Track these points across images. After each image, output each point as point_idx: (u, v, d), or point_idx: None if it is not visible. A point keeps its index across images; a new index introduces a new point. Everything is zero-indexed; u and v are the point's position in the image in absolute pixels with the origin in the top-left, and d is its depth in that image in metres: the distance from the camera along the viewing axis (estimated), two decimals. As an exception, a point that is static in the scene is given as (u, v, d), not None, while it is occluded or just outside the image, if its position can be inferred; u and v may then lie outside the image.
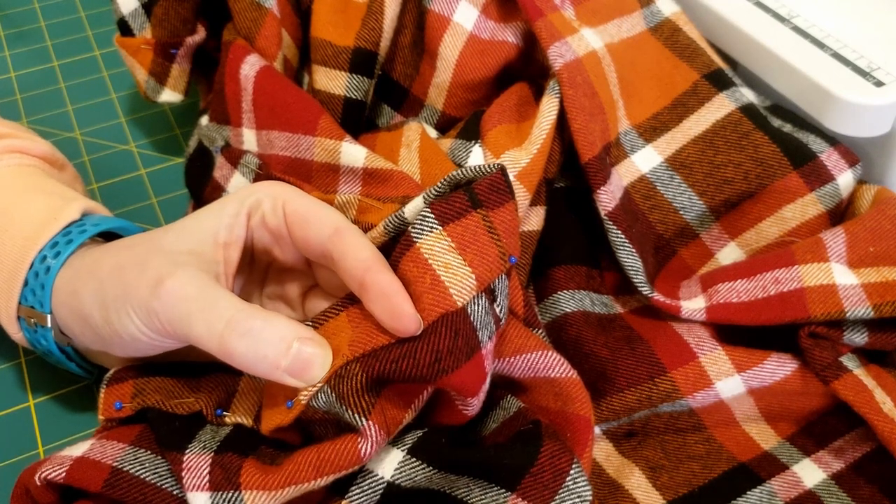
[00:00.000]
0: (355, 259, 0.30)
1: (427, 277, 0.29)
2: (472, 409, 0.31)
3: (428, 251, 0.30)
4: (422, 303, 0.29)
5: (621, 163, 0.43)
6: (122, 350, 0.32)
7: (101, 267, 0.32)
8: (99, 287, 0.32)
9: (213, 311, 0.29)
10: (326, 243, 0.31)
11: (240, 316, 0.29)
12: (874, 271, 0.37)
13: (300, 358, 0.29)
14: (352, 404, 0.28)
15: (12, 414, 0.40)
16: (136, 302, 0.30)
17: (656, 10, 0.47)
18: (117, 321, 0.30)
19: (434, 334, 0.28)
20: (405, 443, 0.31)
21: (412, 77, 0.47)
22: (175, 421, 0.33)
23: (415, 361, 0.28)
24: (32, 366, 0.42)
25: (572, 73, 0.41)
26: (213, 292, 0.29)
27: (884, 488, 0.34)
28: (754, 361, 0.37)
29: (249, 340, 0.28)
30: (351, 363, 0.29)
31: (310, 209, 0.32)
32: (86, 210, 0.37)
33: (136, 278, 0.30)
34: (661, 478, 0.36)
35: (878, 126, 0.41)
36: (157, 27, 0.47)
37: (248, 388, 0.34)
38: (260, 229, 0.32)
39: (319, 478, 0.28)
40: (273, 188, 0.32)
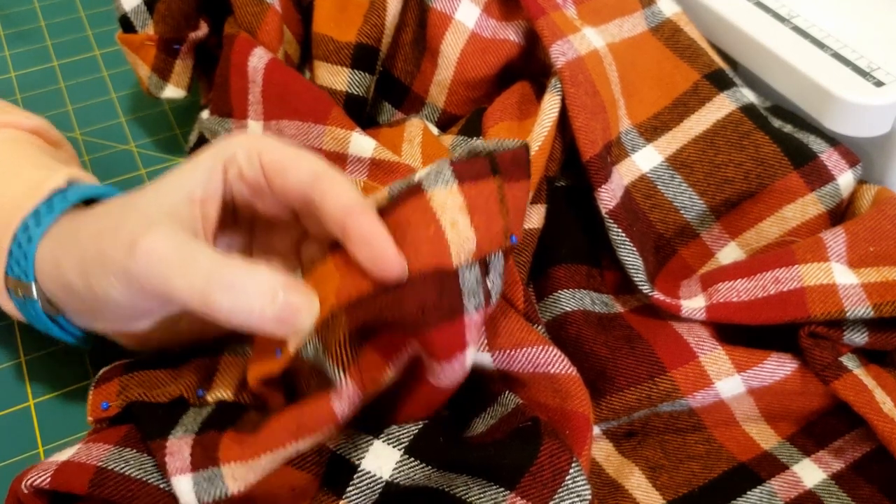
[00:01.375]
0: (335, 204, 0.29)
1: (431, 228, 0.28)
2: (444, 380, 0.30)
3: (438, 203, 0.28)
4: (419, 252, 0.28)
5: (622, 162, 0.43)
6: (111, 320, 0.32)
7: (80, 234, 0.31)
8: (80, 255, 0.31)
9: (192, 266, 0.28)
10: (306, 190, 0.29)
11: (221, 270, 0.28)
12: (874, 271, 0.37)
13: (286, 307, 0.28)
14: (334, 355, 0.27)
15: (12, 414, 0.39)
16: (114, 266, 0.29)
17: (657, 10, 0.47)
18: (99, 288, 0.30)
19: (422, 286, 0.27)
20: (402, 442, 0.31)
21: (413, 74, 0.47)
22: (158, 410, 0.32)
23: (399, 309, 0.27)
24: (32, 366, 0.42)
25: (574, 72, 0.41)
26: (191, 247, 0.28)
27: (884, 488, 0.34)
28: (754, 361, 0.37)
29: (233, 294, 0.27)
30: (337, 311, 0.28)
31: (286, 156, 0.30)
32: (72, 178, 0.36)
33: (111, 242, 0.29)
34: (660, 478, 0.36)
35: (878, 126, 0.41)
36: (159, 23, 0.47)
37: (228, 365, 0.33)
38: (238, 183, 0.31)
39: (296, 441, 0.28)
40: (247, 139, 0.31)
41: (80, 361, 0.42)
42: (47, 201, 0.34)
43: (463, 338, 0.29)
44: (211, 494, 0.28)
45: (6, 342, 0.43)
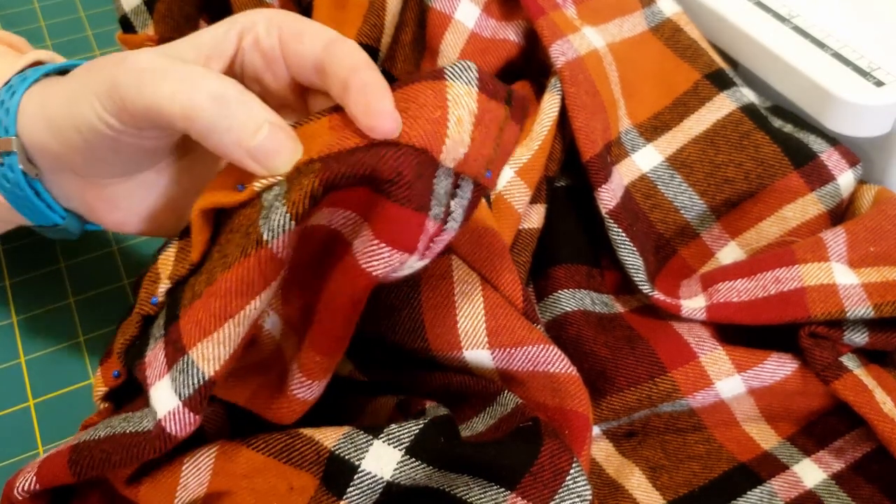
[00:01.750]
0: (343, 62, 0.27)
1: (437, 112, 0.27)
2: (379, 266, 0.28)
3: (453, 96, 0.27)
4: (415, 125, 0.27)
5: (622, 162, 0.43)
6: (83, 163, 0.31)
7: (76, 71, 0.31)
8: (65, 86, 0.30)
9: (183, 72, 0.27)
10: (319, 53, 0.29)
11: (214, 78, 0.27)
12: (875, 271, 0.37)
13: (269, 141, 0.26)
14: (292, 202, 0.25)
15: (12, 414, 0.39)
16: (99, 82, 0.28)
17: (657, 10, 0.47)
18: (77, 111, 0.29)
19: (403, 157, 0.26)
20: (403, 442, 0.31)
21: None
22: (136, 342, 0.32)
23: (374, 167, 0.25)
24: (32, 366, 0.42)
25: (574, 71, 0.41)
26: (184, 64, 0.27)
27: (884, 488, 0.34)
28: (754, 361, 0.37)
29: (220, 106, 0.26)
30: (314, 161, 0.26)
31: (305, 24, 0.30)
32: (47, 59, 0.36)
33: (101, 65, 0.29)
34: (661, 478, 0.36)
35: (878, 126, 0.41)
36: (159, 23, 0.47)
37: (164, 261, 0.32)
38: (252, 52, 0.30)
39: (250, 300, 0.26)
40: (271, 12, 0.30)
41: (81, 361, 0.42)
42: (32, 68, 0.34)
43: (416, 238, 0.27)
44: (189, 385, 0.27)
45: (6, 342, 0.43)
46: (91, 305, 0.44)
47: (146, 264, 0.43)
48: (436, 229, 0.28)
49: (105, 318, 0.43)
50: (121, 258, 0.47)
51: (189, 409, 0.27)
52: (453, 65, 0.28)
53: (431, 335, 0.34)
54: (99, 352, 0.42)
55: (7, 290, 0.45)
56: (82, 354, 0.42)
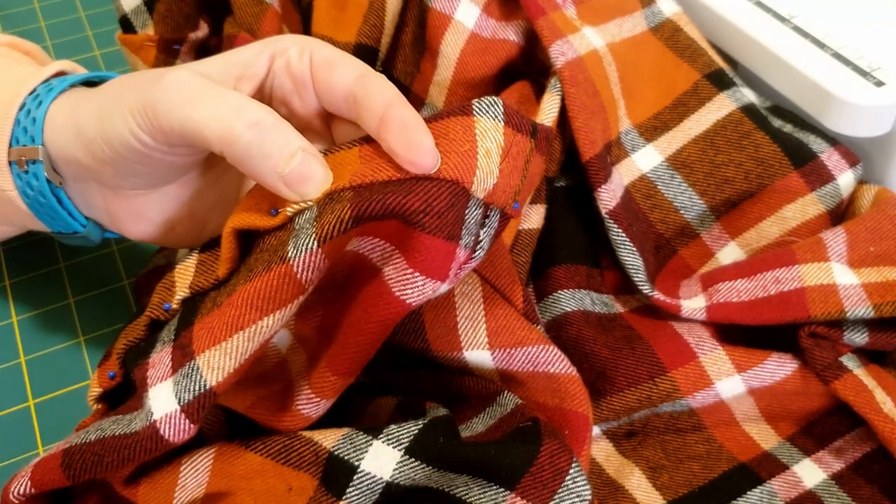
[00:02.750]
0: (378, 96, 0.28)
1: (466, 146, 0.28)
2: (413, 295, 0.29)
3: (481, 130, 0.28)
4: (446, 159, 0.27)
5: (622, 162, 0.43)
6: (112, 176, 0.31)
7: (106, 85, 0.31)
8: (98, 99, 0.31)
9: (221, 97, 0.27)
10: (352, 86, 0.29)
11: (251, 106, 0.27)
12: (874, 271, 0.37)
13: (302, 168, 0.27)
14: (323, 227, 0.26)
15: (12, 414, 0.40)
16: (133, 99, 0.28)
17: (657, 10, 0.47)
18: (110, 126, 0.29)
19: (435, 188, 0.27)
20: (402, 442, 0.31)
21: (413, 75, 0.47)
22: (140, 344, 0.32)
23: (404, 200, 0.26)
24: (32, 366, 0.42)
25: (574, 72, 0.41)
26: (220, 87, 0.28)
27: (884, 488, 0.34)
28: (754, 361, 0.37)
29: (257, 132, 0.27)
30: (345, 189, 0.27)
31: (337, 55, 0.30)
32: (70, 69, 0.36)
33: (137, 81, 0.29)
34: (661, 478, 0.36)
35: (878, 126, 0.41)
36: (159, 23, 0.47)
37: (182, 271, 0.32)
38: (282, 75, 0.31)
39: (264, 315, 0.27)
40: (301, 38, 0.31)
41: (81, 361, 0.42)
42: (57, 78, 0.34)
43: (448, 266, 0.28)
44: (191, 391, 0.27)
45: (6, 342, 0.43)
46: (91, 305, 0.44)
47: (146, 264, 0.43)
48: (465, 257, 0.29)
49: (105, 318, 0.43)
50: (121, 258, 0.47)
51: (186, 415, 0.27)
52: (480, 100, 0.29)
53: (431, 335, 0.34)
54: (99, 352, 0.42)
55: (7, 290, 0.45)
56: (82, 354, 0.42)
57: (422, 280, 0.28)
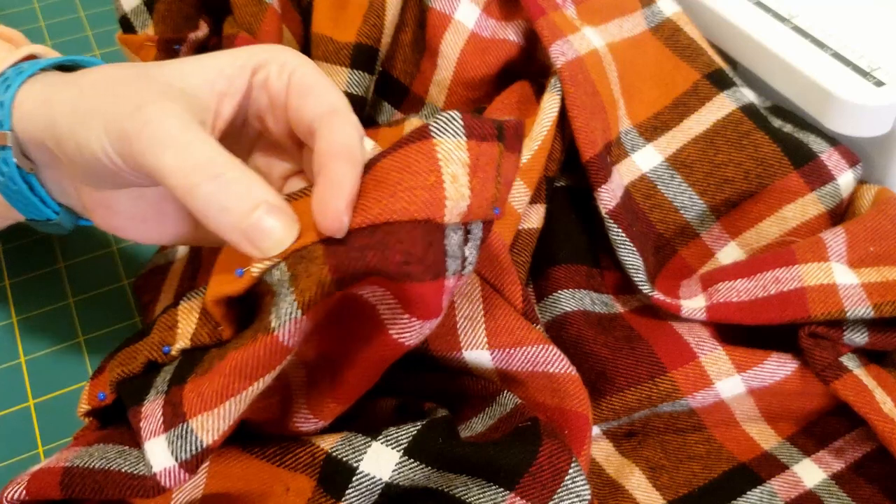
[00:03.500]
0: (332, 142, 0.27)
1: (431, 177, 0.27)
2: (411, 337, 0.29)
3: (444, 153, 0.27)
4: (414, 198, 0.26)
5: (622, 162, 0.43)
6: (85, 176, 0.30)
7: (84, 79, 0.30)
8: (77, 95, 0.29)
9: (190, 146, 0.26)
10: (317, 119, 0.28)
11: (215, 158, 0.26)
12: (874, 271, 0.37)
13: (262, 223, 0.26)
14: (300, 290, 0.26)
15: (12, 414, 0.39)
16: (111, 117, 0.27)
17: (657, 10, 0.47)
18: (83, 135, 0.28)
19: (409, 235, 0.26)
20: (401, 443, 0.31)
21: (413, 75, 0.47)
22: (136, 381, 0.31)
23: (384, 255, 0.25)
24: (32, 366, 0.42)
25: (574, 72, 0.41)
26: (194, 130, 0.27)
27: (884, 488, 0.34)
28: (754, 361, 0.37)
29: (217, 186, 0.26)
30: (314, 244, 0.26)
31: (317, 81, 0.29)
32: (41, 53, 0.35)
33: (118, 96, 0.28)
34: (661, 478, 0.36)
35: (878, 126, 0.41)
36: (159, 24, 0.47)
37: (186, 312, 0.32)
38: (260, 90, 0.30)
39: (253, 382, 0.27)
40: (285, 53, 0.30)
41: (81, 361, 0.42)
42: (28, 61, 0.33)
43: (440, 301, 0.28)
44: (187, 451, 0.27)
45: (6, 342, 0.43)
46: (91, 305, 0.44)
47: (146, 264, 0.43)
48: (455, 280, 0.29)
49: (105, 318, 0.43)
50: (121, 258, 0.47)
51: (185, 470, 0.27)
52: (437, 118, 0.28)
53: (431, 336, 0.34)
54: (99, 352, 0.42)
55: (7, 290, 0.45)
56: (82, 354, 0.42)
57: (418, 324, 0.28)
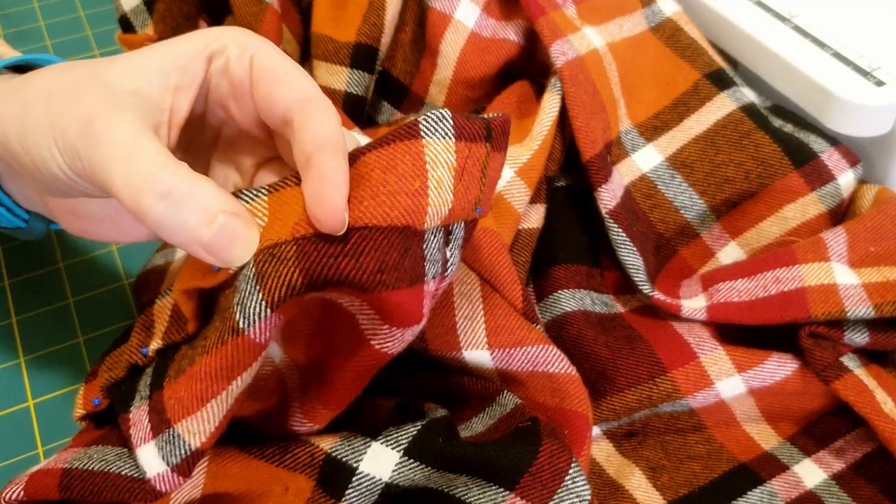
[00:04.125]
0: (314, 134, 0.26)
1: (416, 182, 0.26)
2: (393, 346, 0.28)
3: (431, 156, 0.26)
4: (395, 203, 0.25)
5: (622, 161, 0.43)
6: (46, 188, 0.29)
7: (26, 89, 0.28)
8: (22, 110, 0.28)
9: (136, 162, 0.25)
10: (292, 109, 0.27)
11: (163, 174, 0.25)
12: (875, 271, 0.37)
13: (223, 235, 0.25)
14: (269, 289, 0.25)
15: (12, 414, 0.39)
16: (61, 136, 0.26)
17: (657, 9, 0.47)
18: (37, 154, 0.27)
19: (385, 241, 0.25)
20: (401, 443, 0.31)
21: (412, 74, 0.47)
22: (122, 386, 0.31)
23: (357, 263, 0.25)
24: (32, 366, 0.42)
25: (574, 71, 0.41)
26: (143, 141, 0.25)
27: (885, 488, 0.34)
28: (755, 361, 0.37)
29: (168, 203, 0.24)
30: (287, 243, 0.25)
31: (283, 67, 0.28)
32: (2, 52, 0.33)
33: (66, 110, 0.26)
34: (661, 478, 0.35)
35: (878, 126, 0.41)
36: (159, 23, 0.47)
37: (161, 310, 0.32)
38: (220, 77, 0.28)
39: (231, 381, 0.26)
40: (242, 35, 0.28)
41: (80, 361, 0.42)
42: None
43: (421, 306, 0.27)
44: (177, 455, 0.27)
45: (6, 342, 0.43)
46: (91, 305, 0.44)
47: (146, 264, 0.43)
48: (437, 283, 0.28)
49: (105, 318, 0.43)
50: (121, 258, 0.47)
51: (178, 474, 0.27)
52: (427, 117, 0.27)
53: (430, 335, 0.34)
54: (98, 352, 0.42)
55: (7, 291, 0.45)
56: (82, 354, 0.42)
57: (399, 332, 0.28)
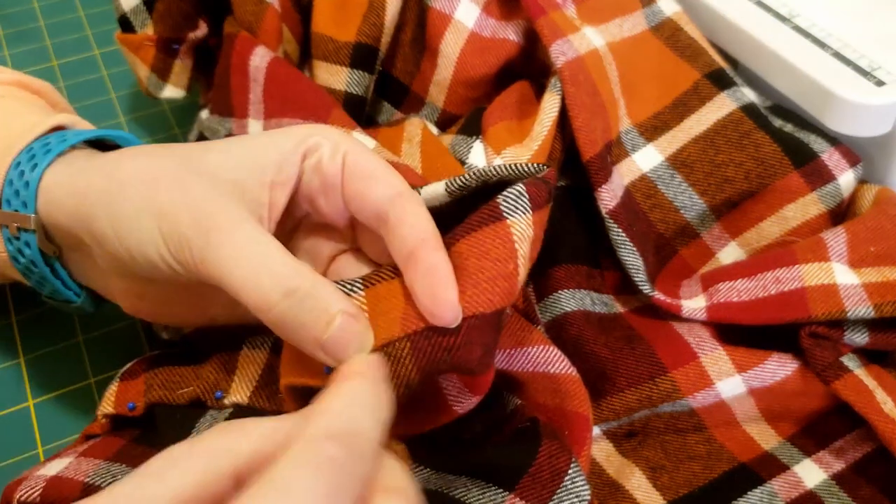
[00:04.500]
0: (413, 227, 0.27)
1: (510, 265, 0.26)
2: (469, 407, 0.30)
3: (518, 235, 0.27)
4: (495, 289, 0.26)
5: (622, 161, 0.43)
6: (123, 271, 0.29)
7: (120, 169, 0.28)
8: (117, 191, 0.28)
9: (263, 260, 0.25)
10: (386, 205, 0.27)
11: (289, 272, 0.25)
12: (875, 271, 0.37)
13: (341, 334, 0.25)
14: (394, 387, 0.25)
15: (12, 414, 0.39)
16: (170, 226, 0.26)
17: (657, 9, 0.47)
18: (135, 239, 0.27)
19: (488, 326, 0.26)
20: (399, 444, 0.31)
21: (413, 74, 0.47)
22: (177, 413, 0.31)
23: (468, 352, 0.25)
24: (32, 366, 0.42)
25: (574, 71, 0.41)
26: (264, 239, 0.26)
27: (885, 489, 0.34)
28: (755, 361, 0.37)
29: (292, 302, 0.25)
30: (400, 340, 0.26)
31: (376, 165, 0.28)
32: (70, 123, 0.34)
33: (173, 197, 0.27)
34: (661, 478, 0.35)
35: (879, 126, 0.41)
36: (158, 23, 0.47)
37: (247, 361, 0.32)
38: (311, 174, 0.29)
39: None
40: (334, 134, 0.29)
41: (80, 361, 0.42)
42: (55, 134, 0.32)
43: (493, 367, 0.28)
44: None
45: (6, 342, 0.43)
46: (91, 305, 0.44)
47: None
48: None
49: (105, 318, 0.43)
50: (120, 258, 0.47)
51: None
52: (507, 196, 0.27)
53: None
54: (99, 352, 0.42)
55: (7, 291, 0.45)
56: (82, 355, 0.42)
57: (477, 398, 0.29)
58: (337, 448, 0.20)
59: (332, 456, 0.20)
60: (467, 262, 0.27)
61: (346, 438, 0.20)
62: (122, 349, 0.36)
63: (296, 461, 0.19)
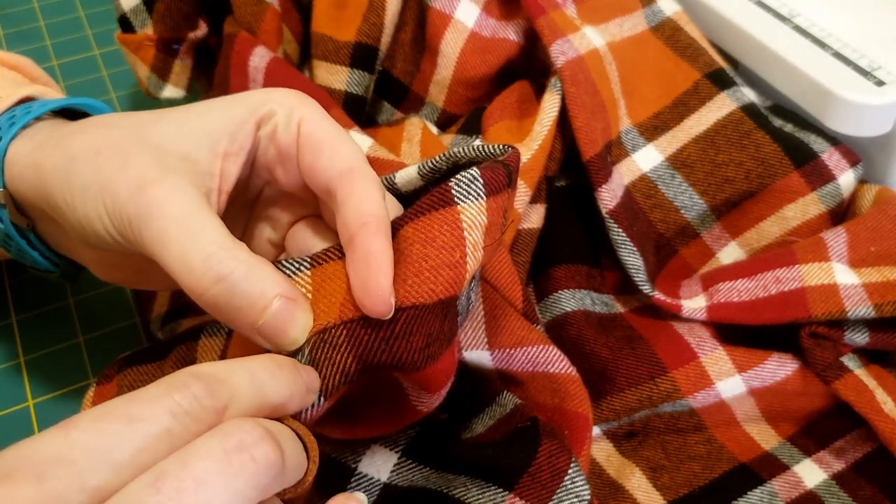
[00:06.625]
0: (355, 209, 0.25)
1: (457, 253, 0.25)
2: (431, 405, 0.29)
3: (468, 222, 0.26)
4: (438, 277, 0.25)
5: (622, 161, 0.43)
6: (84, 241, 0.28)
7: (72, 143, 0.28)
8: (67, 166, 0.27)
9: (194, 240, 0.24)
10: (335, 180, 0.26)
11: (221, 255, 0.24)
12: (875, 271, 0.37)
13: (277, 319, 0.24)
14: (326, 378, 0.25)
15: (12, 414, 0.39)
16: (111, 200, 0.26)
17: (657, 9, 0.47)
18: (83, 212, 0.26)
19: (431, 316, 0.25)
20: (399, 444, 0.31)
21: (413, 74, 0.47)
22: None
23: (408, 345, 0.24)
24: (32, 366, 0.42)
25: (574, 71, 0.41)
26: (200, 216, 0.25)
27: (885, 488, 0.34)
28: (755, 361, 0.37)
29: (225, 287, 0.24)
30: (336, 327, 0.25)
31: (327, 135, 0.27)
32: (39, 94, 0.33)
33: (115, 171, 0.26)
34: (661, 478, 0.35)
35: (879, 125, 0.41)
36: (158, 23, 0.47)
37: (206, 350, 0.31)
38: (266, 143, 0.28)
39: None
40: (290, 98, 0.28)
41: (80, 361, 0.42)
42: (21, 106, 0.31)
43: (454, 358, 0.27)
44: None
45: (6, 342, 0.43)
46: (90, 305, 0.44)
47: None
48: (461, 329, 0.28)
49: (105, 318, 0.43)
50: (120, 258, 0.47)
51: None
52: (459, 181, 0.26)
53: None
54: (98, 352, 0.42)
55: (6, 291, 0.45)
56: (82, 354, 0.42)
57: (437, 396, 0.28)
58: (195, 381, 0.21)
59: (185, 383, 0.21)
60: (412, 248, 0.26)
61: (208, 378, 0.21)
62: (121, 349, 0.36)
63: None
